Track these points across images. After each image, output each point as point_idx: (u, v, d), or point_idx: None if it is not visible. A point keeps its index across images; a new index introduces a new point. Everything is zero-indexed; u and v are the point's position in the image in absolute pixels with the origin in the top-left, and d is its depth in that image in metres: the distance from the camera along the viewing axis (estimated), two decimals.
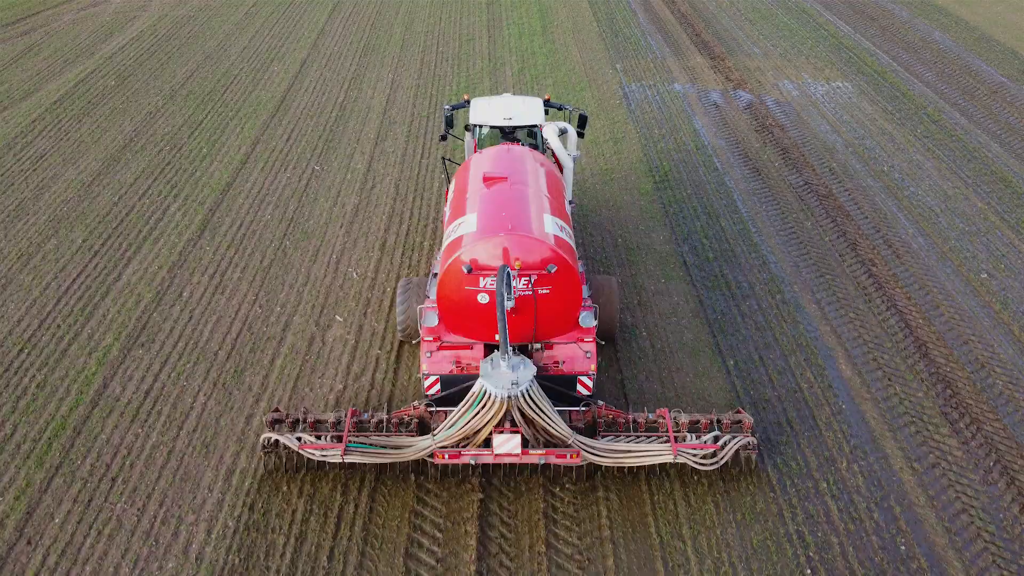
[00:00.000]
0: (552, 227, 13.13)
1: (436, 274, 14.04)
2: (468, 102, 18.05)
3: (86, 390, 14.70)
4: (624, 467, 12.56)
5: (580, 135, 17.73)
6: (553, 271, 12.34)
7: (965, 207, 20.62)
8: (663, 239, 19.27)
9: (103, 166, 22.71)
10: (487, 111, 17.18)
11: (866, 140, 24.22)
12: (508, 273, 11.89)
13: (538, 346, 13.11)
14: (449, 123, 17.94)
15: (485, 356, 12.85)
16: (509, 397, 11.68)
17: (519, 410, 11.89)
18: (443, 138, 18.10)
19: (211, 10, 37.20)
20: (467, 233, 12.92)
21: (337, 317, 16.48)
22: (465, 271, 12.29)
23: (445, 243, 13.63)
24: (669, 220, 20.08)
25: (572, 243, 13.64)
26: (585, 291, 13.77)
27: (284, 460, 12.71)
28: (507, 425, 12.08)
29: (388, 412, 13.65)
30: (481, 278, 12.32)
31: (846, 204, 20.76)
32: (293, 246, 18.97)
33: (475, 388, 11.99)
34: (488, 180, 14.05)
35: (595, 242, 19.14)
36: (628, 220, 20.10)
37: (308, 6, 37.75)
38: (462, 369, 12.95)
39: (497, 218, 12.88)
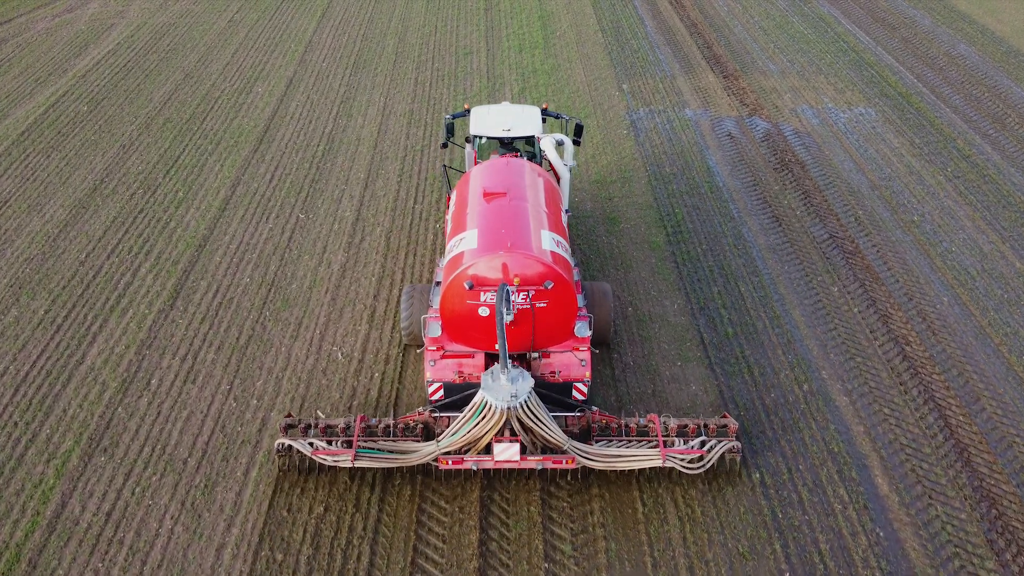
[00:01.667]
0: (549, 243, 13.80)
1: (439, 283, 14.91)
2: (468, 111, 18.51)
3: (43, 510, 13.23)
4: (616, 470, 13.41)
5: (576, 143, 18.08)
6: (550, 287, 12.98)
7: (1003, 268, 19.01)
8: (677, 308, 17.69)
9: (70, 214, 21.02)
10: (486, 122, 17.66)
11: (893, 181, 22.51)
12: (508, 291, 12.60)
13: (536, 355, 13.81)
14: (450, 131, 18.18)
15: (486, 364, 13.66)
16: (508, 408, 12.47)
17: (518, 420, 12.69)
18: (444, 145, 18.41)
19: (192, 16, 35.10)
20: (468, 250, 13.52)
21: (319, 413, 14.96)
22: (467, 287, 12.93)
23: (447, 257, 14.21)
24: (683, 283, 18.48)
25: (568, 256, 14.23)
26: (580, 300, 14.41)
27: (298, 462, 13.45)
28: (507, 434, 12.86)
29: (394, 417, 14.38)
30: (482, 293, 13.02)
31: (875, 263, 19.15)
32: (273, 317, 17.39)
33: (476, 399, 12.71)
34: (488, 195, 14.63)
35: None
36: (639, 283, 18.50)
37: (296, 12, 35.64)
38: (464, 378, 13.62)
39: (497, 235, 13.48)
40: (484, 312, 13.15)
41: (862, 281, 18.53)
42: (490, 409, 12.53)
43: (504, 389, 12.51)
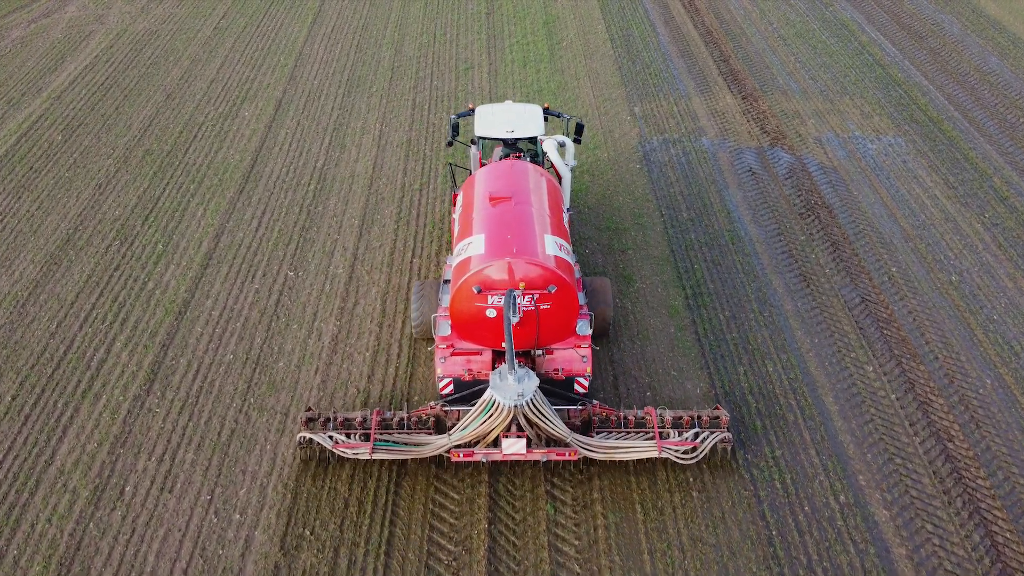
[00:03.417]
0: (552, 247, 14.56)
1: (447, 281, 15.89)
2: (473, 111, 19.10)
3: None
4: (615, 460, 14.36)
5: (577, 142, 18.66)
6: (553, 291, 13.82)
7: None
8: (700, 393, 16.25)
9: (41, 272, 19.45)
10: (491, 123, 18.21)
11: (928, 230, 20.92)
12: (514, 296, 13.39)
13: (540, 352, 14.63)
14: (455, 130, 18.60)
15: (493, 361, 14.52)
16: (515, 406, 13.29)
17: (524, 416, 13.51)
18: (449, 144, 18.91)
19: (176, 22, 33.01)
20: (475, 255, 14.30)
21: (308, 533, 13.64)
22: (475, 291, 13.81)
23: (455, 260, 15.00)
24: (706, 361, 17.01)
25: (570, 257, 15.01)
26: (581, 298, 15.21)
27: (318, 454, 14.38)
28: (514, 429, 13.62)
29: (408, 411, 15.28)
30: (489, 296, 13.86)
31: (911, 335, 17.67)
32: (257, 406, 15.96)
33: (485, 397, 13.48)
34: (493, 200, 15.30)
35: (622, 395, 16.11)
36: (658, 360, 17.04)
37: (286, 17, 33.54)
38: (472, 374, 14.48)
39: (503, 241, 14.23)
40: (491, 313, 14.01)
41: (899, 359, 17.07)
42: (498, 407, 13.33)
43: (511, 388, 13.37)
